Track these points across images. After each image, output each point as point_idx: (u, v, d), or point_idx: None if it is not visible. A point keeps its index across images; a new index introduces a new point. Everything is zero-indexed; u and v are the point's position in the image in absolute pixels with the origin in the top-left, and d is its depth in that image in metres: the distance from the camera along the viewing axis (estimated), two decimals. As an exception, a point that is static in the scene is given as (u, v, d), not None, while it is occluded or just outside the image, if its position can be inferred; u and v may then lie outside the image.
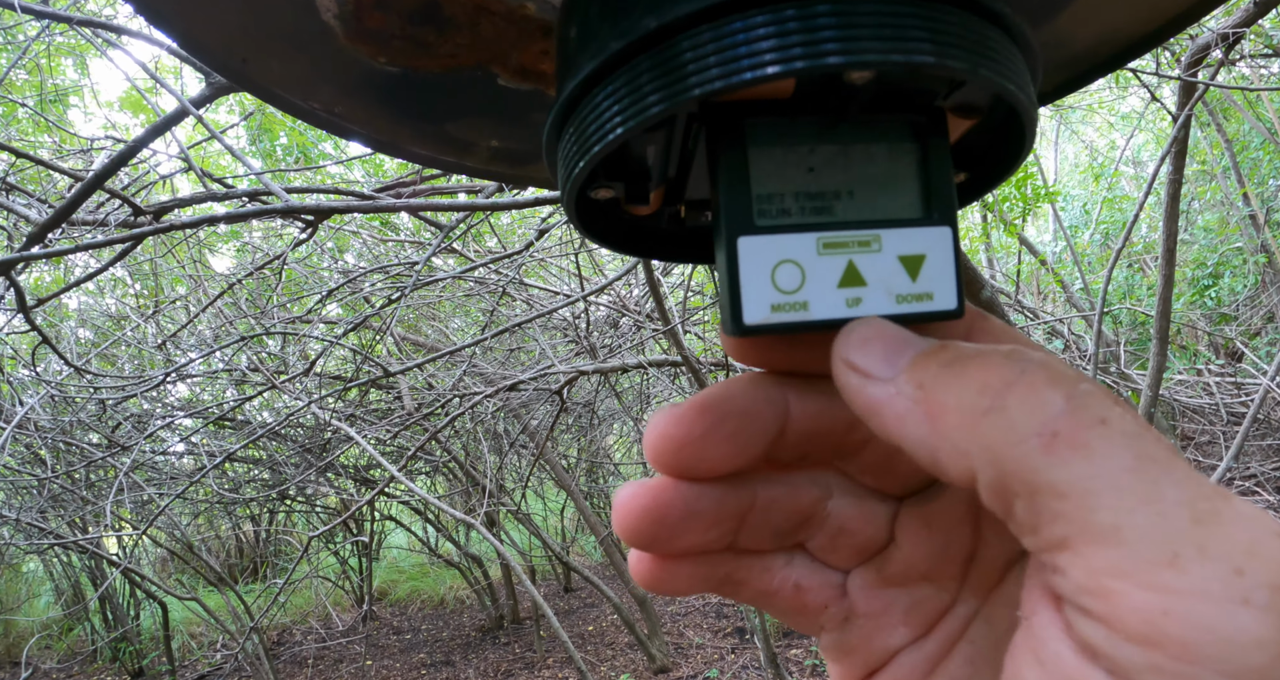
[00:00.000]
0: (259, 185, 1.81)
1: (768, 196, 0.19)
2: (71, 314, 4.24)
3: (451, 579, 5.66)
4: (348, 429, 2.03)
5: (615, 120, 0.17)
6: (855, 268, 0.19)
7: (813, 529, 0.23)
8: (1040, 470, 0.15)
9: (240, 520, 5.71)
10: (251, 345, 2.98)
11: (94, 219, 1.81)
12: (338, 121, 0.31)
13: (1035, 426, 0.15)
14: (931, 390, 0.17)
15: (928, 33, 0.16)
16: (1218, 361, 4.34)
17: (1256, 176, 4.22)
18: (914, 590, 0.22)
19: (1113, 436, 0.15)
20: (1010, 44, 0.18)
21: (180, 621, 4.91)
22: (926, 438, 0.17)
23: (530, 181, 0.37)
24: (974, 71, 0.16)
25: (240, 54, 0.27)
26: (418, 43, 0.25)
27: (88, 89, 3.54)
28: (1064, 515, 0.15)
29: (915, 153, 0.19)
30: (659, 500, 0.20)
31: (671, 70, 0.17)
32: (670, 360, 2.45)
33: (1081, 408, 0.15)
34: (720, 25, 0.16)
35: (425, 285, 2.89)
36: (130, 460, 2.43)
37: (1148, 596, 0.14)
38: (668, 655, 3.70)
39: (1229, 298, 4.45)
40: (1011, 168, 0.21)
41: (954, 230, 0.19)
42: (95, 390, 2.74)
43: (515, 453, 4.37)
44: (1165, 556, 0.14)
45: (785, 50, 0.16)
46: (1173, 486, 0.14)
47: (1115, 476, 0.14)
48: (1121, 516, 0.14)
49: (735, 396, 0.20)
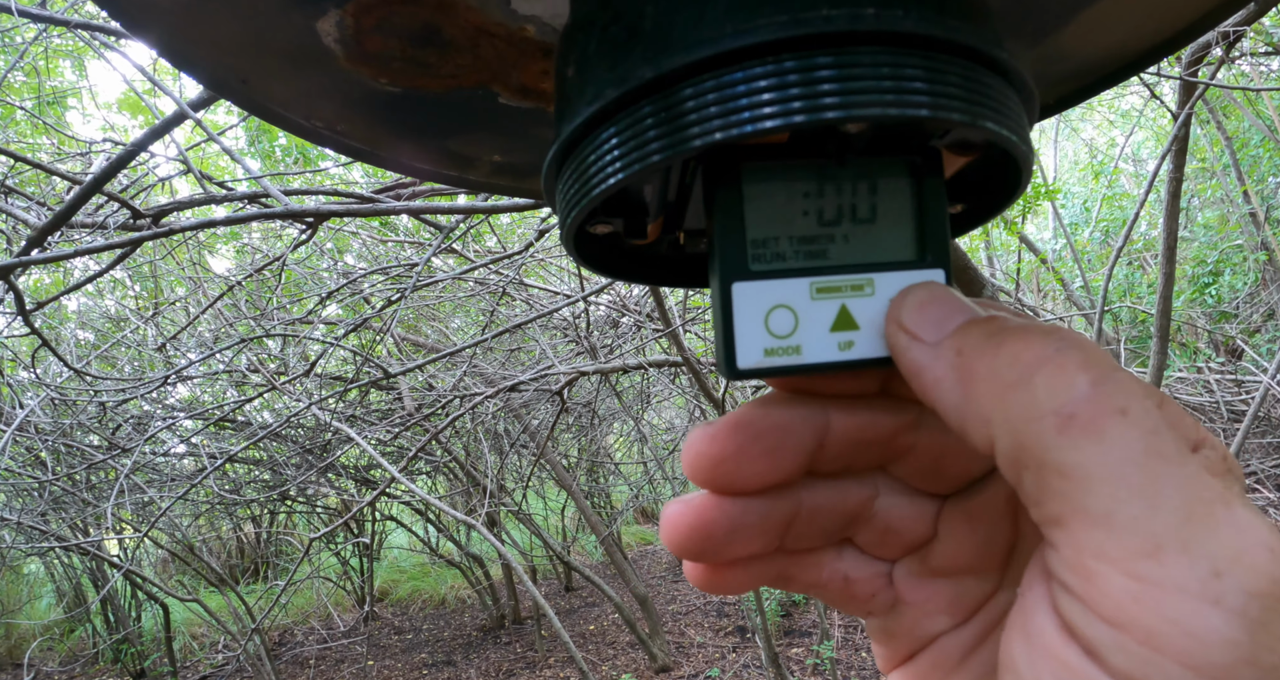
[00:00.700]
0: (258, 187, 1.81)
1: (762, 241, 0.19)
2: (71, 316, 4.24)
3: (453, 579, 5.66)
4: (349, 430, 2.03)
5: (615, 166, 0.18)
6: (848, 311, 0.19)
7: (860, 526, 0.23)
8: (1051, 448, 0.15)
9: (241, 521, 5.72)
10: (251, 347, 2.97)
11: (93, 222, 1.80)
12: (340, 139, 0.31)
13: (1055, 405, 0.16)
14: (968, 357, 0.17)
15: (925, 84, 0.16)
16: (1218, 359, 4.34)
17: (1256, 174, 4.22)
18: (957, 581, 0.23)
19: (1128, 428, 0.15)
20: (1006, 87, 0.18)
21: (181, 622, 4.91)
22: (957, 403, 0.17)
23: (533, 194, 0.37)
24: (972, 123, 0.16)
25: (240, 75, 0.27)
26: (418, 64, 0.25)
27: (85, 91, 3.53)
28: (1063, 494, 0.15)
29: (910, 194, 0.19)
30: (703, 518, 0.21)
31: (673, 118, 0.17)
32: (671, 360, 2.45)
33: (1105, 395, 0.15)
34: (722, 75, 0.16)
35: (425, 286, 2.89)
36: (131, 462, 2.43)
37: (1124, 582, 0.14)
38: (669, 654, 3.70)
39: (1229, 295, 4.45)
40: (1008, 202, 0.21)
41: (947, 272, 0.19)
42: (95, 392, 2.74)
43: (516, 453, 4.37)
44: (1148, 547, 0.14)
45: (785, 103, 0.16)
46: (1174, 484, 0.15)
47: (1119, 466, 0.15)
48: (1114, 504, 0.15)
49: (770, 413, 0.21)
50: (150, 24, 0.23)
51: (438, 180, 0.35)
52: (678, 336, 1.89)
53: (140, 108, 3.43)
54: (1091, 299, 4.13)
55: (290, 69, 0.26)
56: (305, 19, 0.23)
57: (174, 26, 0.23)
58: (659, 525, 0.22)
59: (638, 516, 7.19)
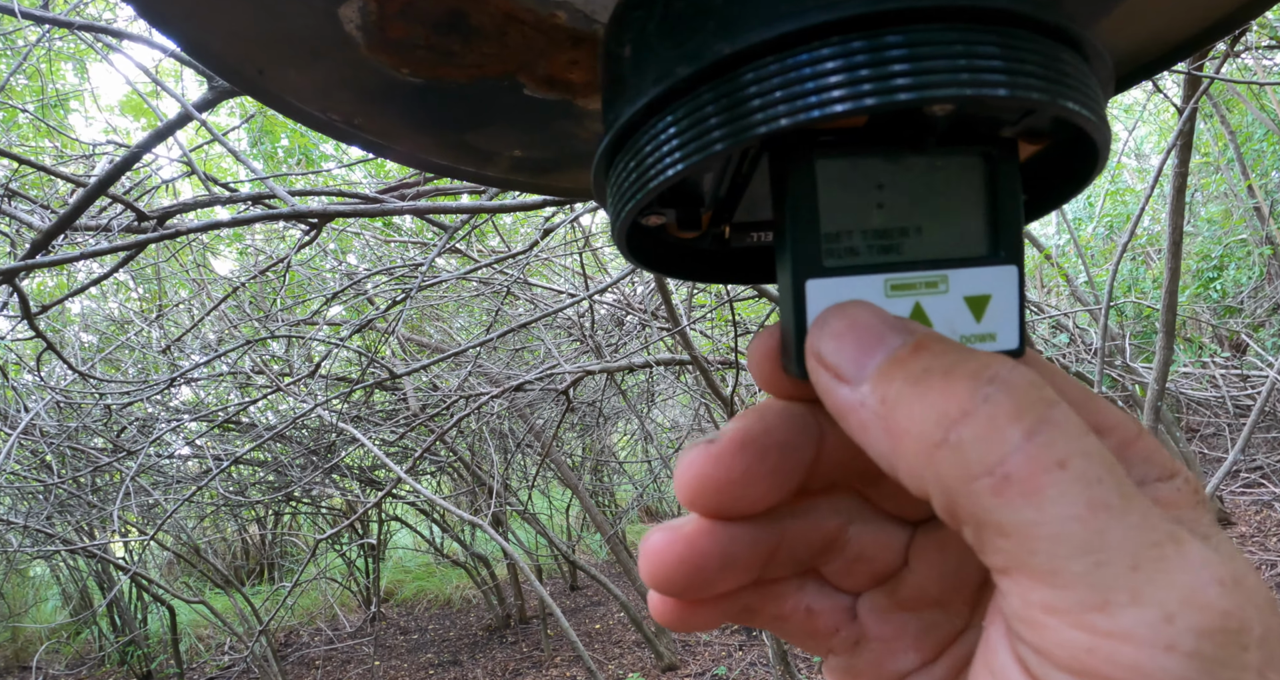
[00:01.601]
0: (261, 188, 1.80)
1: (835, 235, 0.18)
2: (74, 318, 4.24)
3: (458, 578, 5.67)
4: (354, 431, 2.03)
5: (676, 155, 0.17)
6: (922, 309, 0.18)
7: (831, 555, 0.22)
8: (989, 510, 0.15)
9: (246, 523, 5.72)
10: (256, 348, 2.97)
11: (97, 224, 1.80)
12: (356, 132, 0.30)
13: (987, 465, 0.15)
14: (893, 408, 0.16)
15: (1002, 62, 0.15)
16: (1223, 354, 4.33)
17: (1260, 168, 4.21)
18: (925, 615, 0.22)
19: (1067, 483, 0.14)
20: (1083, 64, 0.17)
21: (188, 624, 4.92)
22: (887, 453, 0.16)
23: (550, 191, 0.37)
24: (1053, 102, 0.15)
25: (256, 64, 0.26)
26: (442, 53, 0.24)
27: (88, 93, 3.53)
28: (1005, 551, 0.15)
29: (984, 186, 0.19)
30: (695, 549, 0.20)
31: (736, 104, 0.16)
32: (678, 359, 2.45)
33: (1040, 447, 0.15)
34: (785, 57, 0.15)
35: (430, 286, 2.88)
36: (136, 464, 2.43)
37: (1076, 635, 0.14)
38: (675, 653, 3.70)
39: (1234, 290, 4.44)
40: (1078, 189, 0.20)
41: (1020, 269, 0.18)
42: (100, 395, 2.74)
43: (521, 452, 4.37)
44: (1097, 602, 0.14)
45: (854, 85, 0.15)
46: (1119, 534, 0.14)
47: (1060, 525, 0.14)
48: (1059, 561, 0.14)
49: (774, 429, 0.19)
50: (168, 10, 0.22)
51: (455, 176, 0.35)
52: (685, 336, 1.88)
53: (143, 110, 3.44)
54: (1096, 294, 4.11)
55: (308, 58, 0.25)
56: (327, 4, 0.22)
57: (192, 13, 0.23)
58: (639, 556, 0.20)
59: (642, 515, 7.19)
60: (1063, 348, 3.88)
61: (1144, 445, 0.18)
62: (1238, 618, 0.14)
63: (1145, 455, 0.18)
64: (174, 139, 1.68)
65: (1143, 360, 4.11)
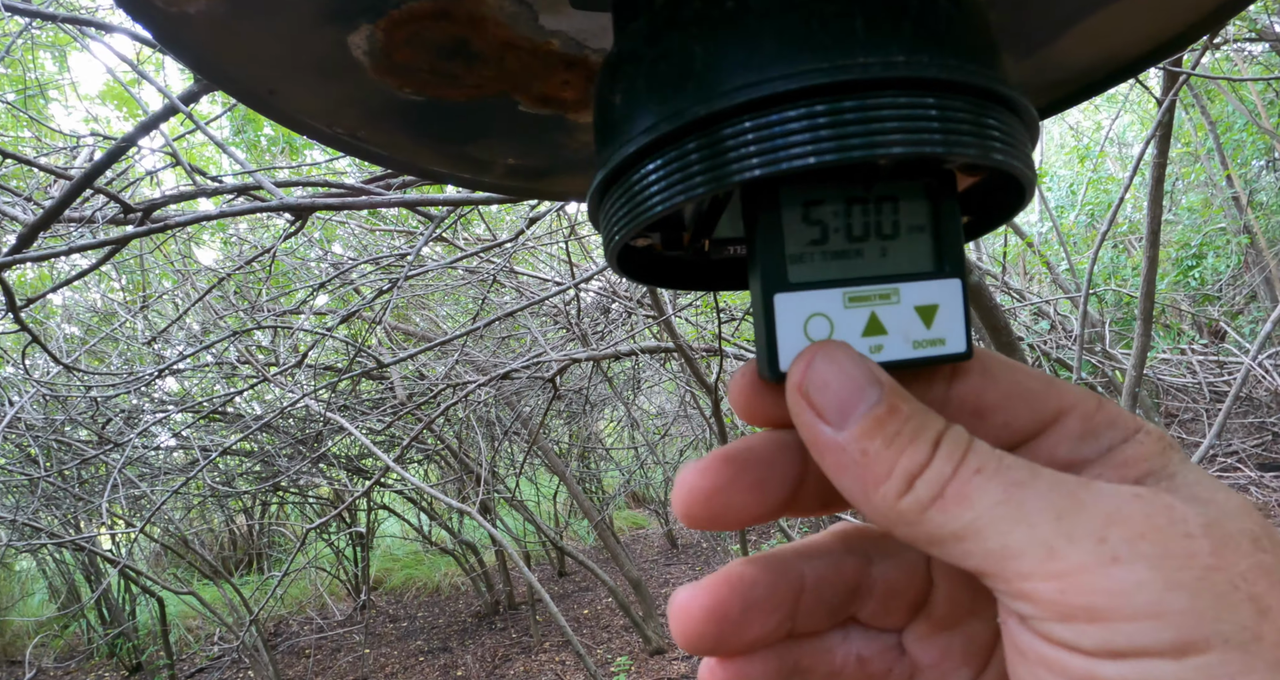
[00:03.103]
0: (247, 178, 1.80)
1: (799, 256, 0.21)
2: (57, 310, 4.20)
3: (446, 566, 5.68)
4: (342, 421, 2.04)
5: (662, 195, 0.19)
6: (877, 318, 0.21)
7: (863, 598, 0.24)
8: (942, 525, 0.18)
9: (233, 513, 5.70)
10: (241, 339, 2.96)
11: (81, 216, 1.79)
12: (360, 145, 0.31)
13: (932, 495, 0.18)
14: (872, 462, 0.19)
15: (939, 123, 0.18)
16: (1201, 341, 4.39)
17: (1239, 158, 4.26)
18: (965, 628, 0.24)
19: (985, 480, 0.18)
20: (1012, 117, 0.19)
21: (177, 615, 4.92)
22: (857, 495, 0.20)
23: (544, 195, 0.38)
24: (984, 157, 0.18)
25: (268, 86, 0.27)
26: (444, 76, 0.26)
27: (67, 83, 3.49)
28: (969, 552, 0.18)
29: (929, 212, 0.21)
30: (717, 597, 0.22)
31: (716, 155, 0.19)
32: (663, 347, 2.47)
33: (964, 466, 0.18)
34: (759, 116, 0.18)
35: (416, 275, 2.88)
36: (123, 457, 2.42)
37: (1047, 585, 0.17)
38: (663, 637, 3.74)
39: (1212, 278, 4.50)
40: (1009, 216, 0.24)
41: (963, 281, 0.21)
42: (85, 387, 2.73)
43: (509, 440, 4.38)
44: (1046, 553, 0.17)
45: (817, 143, 0.18)
46: (1036, 499, 0.18)
47: (991, 510, 0.18)
48: (1004, 538, 0.17)
49: (756, 448, 0.22)
50: (186, 40, 0.24)
51: (453, 183, 0.36)
52: (670, 324, 1.90)
53: (125, 99, 3.39)
54: (1077, 282, 4.16)
55: (317, 80, 0.27)
56: (338, 33, 0.24)
57: (209, 42, 0.24)
58: (668, 620, 0.22)
59: (629, 501, 7.22)
60: (1044, 334, 3.92)
61: (1106, 413, 0.21)
62: (1164, 515, 0.17)
63: (1109, 421, 0.21)
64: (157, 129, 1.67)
65: (1122, 346, 4.17)
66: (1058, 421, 0.21)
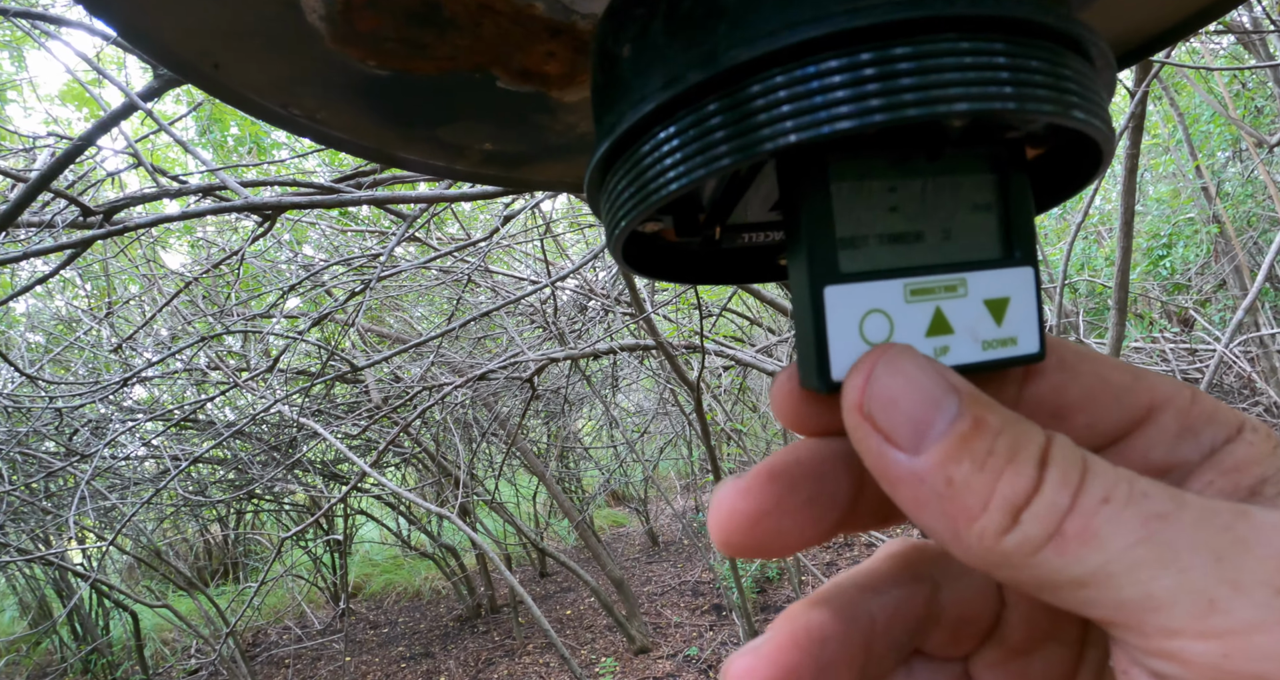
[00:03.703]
0: (213, 179, 1.75)
1: (850, 240, 0.17)
2: (20, 319, 4.10)
3: (426, 570, 5.63)
4: (316, 426, 1.99)
5: (680, 169, 0.16)
6: (943, 314, 0.17)
7: (930, 629, 0.21)
8: (1059, 570, 0.15)
9: (207, 523, 5.61)
10: (211, 344, 2.90)
11: (40, 221, 1.73)
12: (320, 128, 0.28)
13: (1047, 534, 0.15)
14: (961, 493, 0.15)
15: (1010, 74, 0.15)
16: (1172, 329, 4.45)
17: (1207, 149, 4.31)
18: (1042, 653, 0.21)
19: (1117, 513, 0.15)
20: (1088, 68, 0.16)
21: (151, 628, 4.82)
22: (943, 533, 0.16)
23: (524, 185, 0.35)
24: (1063, 114, 0.15)
25: (212, 59, 0.24)
26: (413, 45, 0.23)
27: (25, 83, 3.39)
28: (1094, 601, 0.15)
29: (996, 188, 0.18)
30: (784, 669, 0.18)
31: (743, 117, 0.15)
32: (642, 344, 2.44)
33: (1085, 496, 0.15)
34: (792, 70, 0.15)
35: (389, 276, 2.84)
36: (91, 468, 2.36)
37: (1205, 646, 0.14)
38: (647, 636, 3.73)
39: (1182, 267, 4.56)
40: (1081, 187, 0.20)
41: (1036, 270, 0.18)
42: (50, 398, 2.65)
43: (486, 441, 4.34)
44: (1202, 606, 0.14)
45: (862, 101, 0.14)
46: (1186, 535, 0.14)
47: (1129, 554, 0.14)
48: (1146, 587, 0.14)
49: (804, 459, 0.19)
50: (131, 14, 0.21)
51: (424, 171, 0.33)
52: (650, 321, 1.87)
53: (85, 99, 3.31)
54: (1051, 273, 4.20)
55: (267, 51, 0.24)
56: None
57: (138, 5, 0.21)
58: None
59: (609, 500, 7.20)
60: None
61: (1202, 407, 0.18)
62: None
63: (1208, 416, 0.18)
64: (119, 129, 1.62)
65: (1095, 336, 4.22)
66: (1149, 419, 0.18)
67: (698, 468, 5.73)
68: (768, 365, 2.12)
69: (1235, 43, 3.60)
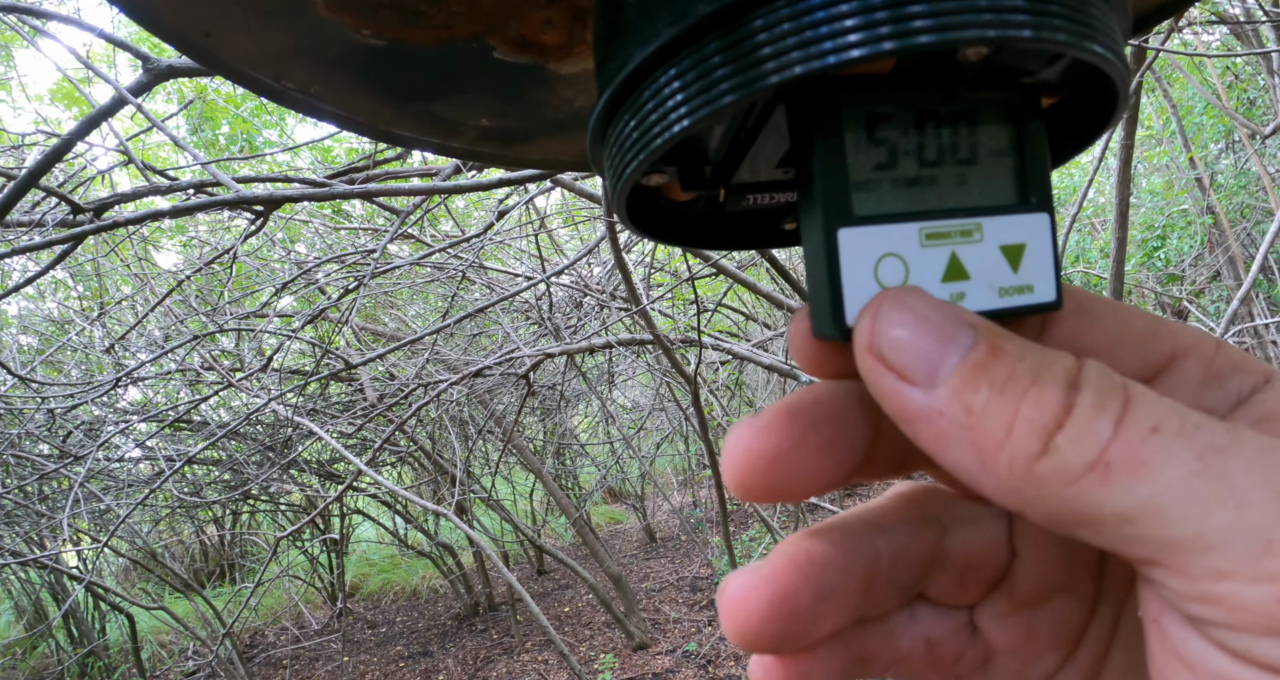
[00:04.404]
0: (203, 176, 1.74)
1: (864, 183, 0.17)
2: (11, 320, 4.08)
3: (423, 569, 5.63)
4: (311, 425, 1.98)
5: (683, 110, 0.16)
6: (958, 259, 0.17)
7: (936, 573, 0.20)
8: (1102, 503, 0.14)
9: (203, 524, 5.60)
10: (204, 343, 2.89)
11: (29, 220, 1.72)
12: (313, 102, 0.28)
13: (1087, 461, 0.14)
14: (983, 420, 0.15)
15: (1026, 2, 0.14)
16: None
17: (1200, 140, 4.32)
18: (1052, 607, 0.20)
19: (1168, 443, 0.14)
20: (1105, 6, 0.16)
21: (148, 631, 4.80)
22: (971, 469, 0.15)
23: (521, 163, 0.35)
24: (1079, 45, 0.15)
25: (202, 27, 0.24)
26: (408, 12, 0.23)
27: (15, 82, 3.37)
28: (1139, 538, 0.14)
29: (1011, 134, 0.18)
30: (783, 588, 0.17)
31: (745, 52, 0.15)
32: (638, 339, 2.44)
33: (1131, 425, 0.14)
34: (797, 1, 0.14)
35: (383, 273, 2.83)
36: (85, 470, 2.34)
37: (1259, 590, 0.13)
38: (646, 632, 3.73)
39: (1176, 258, 4.57)
40: (1097, 135, 0.20)
41: (1052, 217, 0.18)
42: (43, 400, 2.64)
43: (482, 439, 4.33)
44: (1259, 546, 0.13)
45: (871, 28, 0.14)
46: (1244, 471, 0.13)
47: (1181, 486, 0.13)
48: (1199, 523, 0.13)
49: (824, 400, 0.18)
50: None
51: (419, 147, 0.33)
52: (647, 314, 1.87)
53: (75, 98, 3.29)
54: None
55: (261, 20, 0.23)
56: (282, -43, 0.20)
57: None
58: (720, 614, 0.18)
59: (606, 496, 7.20)
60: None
61: (1228, 357, 0.17)
62: None
63: (1234, 365, 0.17)
64: (109, 127, 1.61)
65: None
66: (1172, 366, 0.18)
67: (694, 463, 5.74)
68: (764, 358, 2.12)
69: (1228, 34, 3.61)
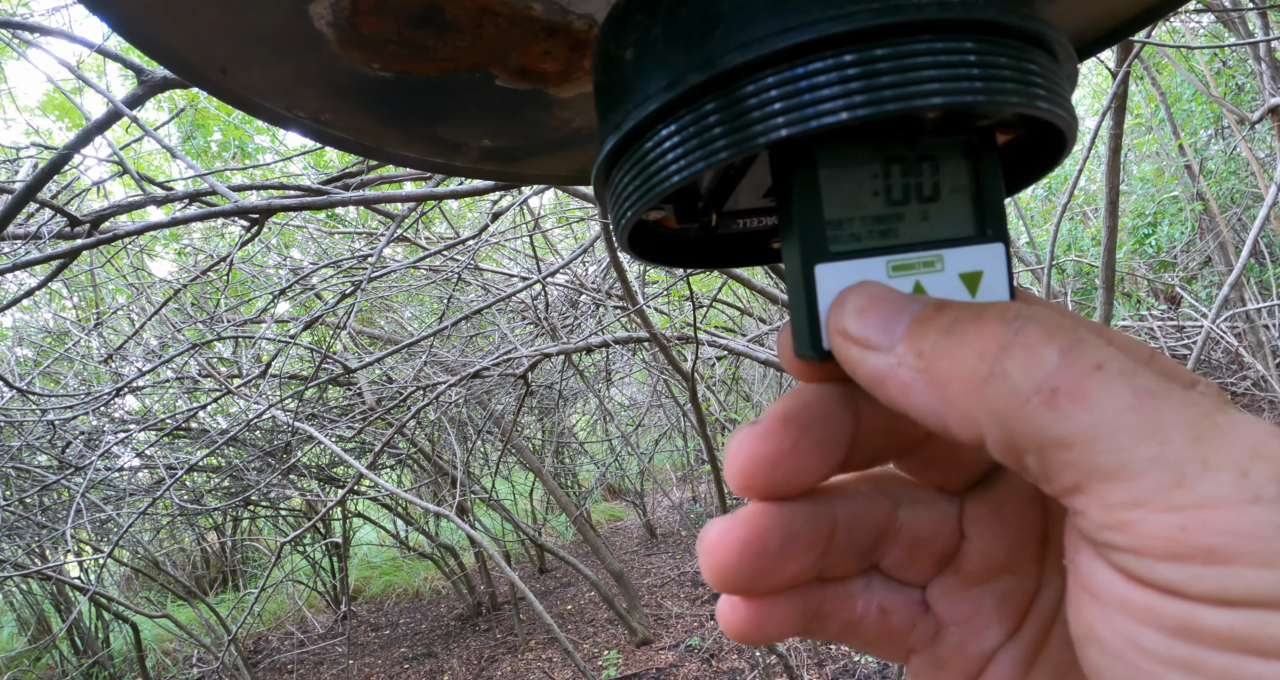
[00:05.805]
0: (198, 185, 1.74)
1: (838, 222, 0.19)
2: (7, 333, 4.07)
3: (425, 570, 5.64)
4: (311, 430, 1.99)
5: (682, 162, 0.18)
6: (922, 287, 0.19)
7: (888, 544, 0.22)
8: (1046, 426, 0.15)
9: (204, 531, 5.60)
10: (202, 351, 2.89)
11: (25, 232, 1.73)
12: (322, 129, 0.29)
13: (1034, 385, 0.16)
14: (933, 359, 0.17)
15: (980, 70, 0.16)
16: (1159, 307, 4.49)
17: (1190, 127, 4.35)
18: (998, 584, 0.22)
19: (1109, 380, 0.15)
20: (1051, 61, 0.18)
21: (152, 639, 4.80)
22: (934, 407, 0.17)
23: (521, 179, 0.36)
24: (1030, 104, 0.17)
25: (219, 64, 0.25)
26: (415, 47, 0.24)
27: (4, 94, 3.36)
28: (1071, 463, 0.15)
29: (969, 172, 0.20)
30: (756, 529, 0.20)
31: (738, 114, 0.17)
32: (635, 337, 2.45)
33: (1077, 358, 0.16)
34: (782, 70, 0.17)
35: (379, 277, 2.83)
36: (85, 480, 2.35)
37: (1165, 518, 0.14)
38: (648, 627, 3.74)
39: (1168, 245, 4.60)
40: (1047, 170, 0.22)
41: (1007, 246, 0.20)
42: (42, 411, 2.64)
43: (481, 439, 4.34)
44: (1172, 479, 0.14)
45: (849, 97, 0.16)
46: (1171, 413, 0.15)
47: (1115, 418, 0.15)
48: (1124, 454, 0.15)
49: (812, 403, 0.20)
50: (129, 11, 0.21)
51: (423, 168, 0.34)
52: (644, 313, 1.88)
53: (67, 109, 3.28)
54: (1038, 254, 4.22)
55: (273, 56, 0.24)
56: (298, 1, 0.21)
57: (154, 14, 0.22)
58: (699, 557, 0.20)
59: (606, 494, 7.22)
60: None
61: (1160, 363, 0.19)
62: None
63: (1165, 371, 0.19)
64: (103, 138, 1.61)
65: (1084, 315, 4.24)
66: None
67: (693, 458, 5.75)
68: (760, 354, 2.14)
69: (1215, 22, 3.62)
